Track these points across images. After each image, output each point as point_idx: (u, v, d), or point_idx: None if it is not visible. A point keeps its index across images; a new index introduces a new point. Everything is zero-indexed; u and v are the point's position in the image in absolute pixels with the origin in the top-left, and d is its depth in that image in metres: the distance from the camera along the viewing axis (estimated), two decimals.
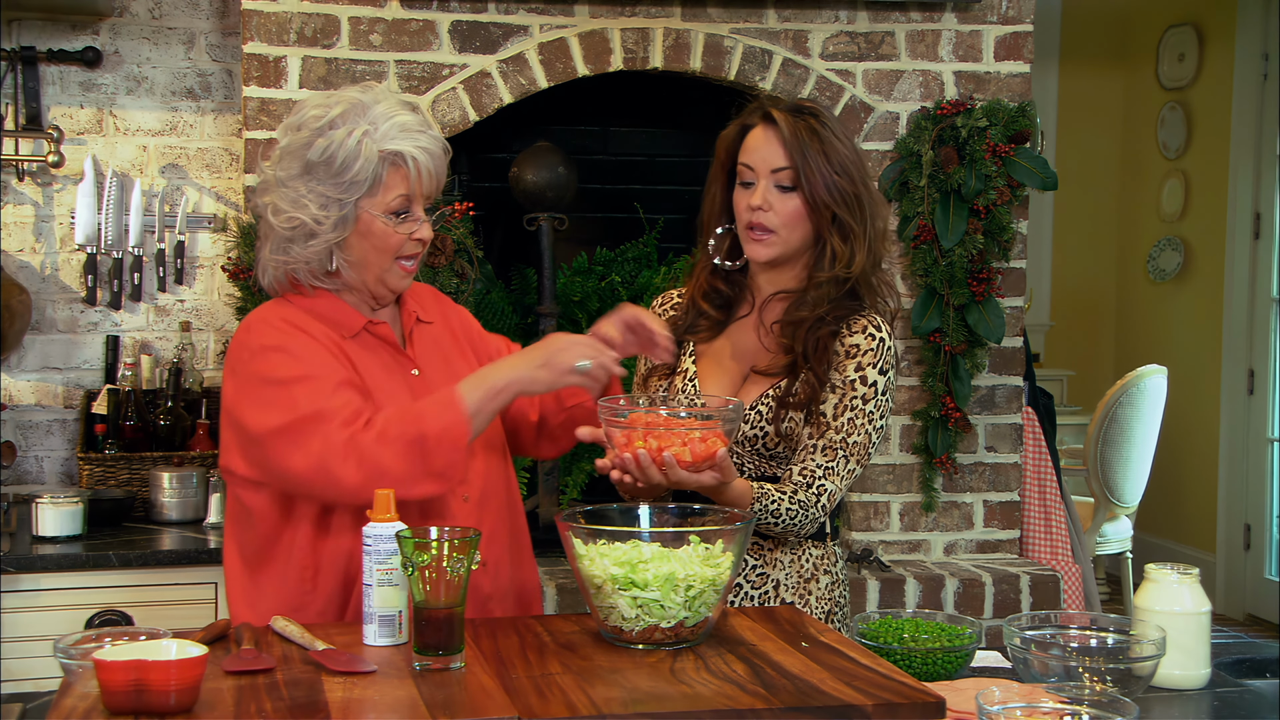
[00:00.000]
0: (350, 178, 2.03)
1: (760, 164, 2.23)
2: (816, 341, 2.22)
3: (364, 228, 2.06)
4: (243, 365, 2.05)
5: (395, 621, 1.81)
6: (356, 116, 2.04)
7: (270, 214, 2.08)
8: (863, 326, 2.24)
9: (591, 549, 1.83)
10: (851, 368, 2.22)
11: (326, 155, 2.03)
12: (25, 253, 3.72)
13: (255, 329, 2.08)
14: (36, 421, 3.73)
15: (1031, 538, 3.89)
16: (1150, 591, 2.03)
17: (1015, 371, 3.80)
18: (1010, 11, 3.72)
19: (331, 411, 1.97)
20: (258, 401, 2.01)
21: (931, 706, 1.61)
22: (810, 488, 2.19)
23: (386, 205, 2.06)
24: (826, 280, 2.23)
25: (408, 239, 2.08)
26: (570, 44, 3.53)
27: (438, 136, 2.11)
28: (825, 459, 2.20)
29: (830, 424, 2.21)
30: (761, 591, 2.28)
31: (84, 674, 1.61)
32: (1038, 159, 3.64)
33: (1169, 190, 6.42)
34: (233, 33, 3.76)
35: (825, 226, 2.23)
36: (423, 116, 2.11)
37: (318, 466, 1.95)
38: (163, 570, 3.15)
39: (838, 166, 2.21)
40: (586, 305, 3.82)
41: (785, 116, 2.23)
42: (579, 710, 1.56)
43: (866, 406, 2.22)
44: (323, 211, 2.04)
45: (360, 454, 1.94)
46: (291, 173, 2.07)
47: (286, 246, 2.08)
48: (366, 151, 2.02)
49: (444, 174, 2.12)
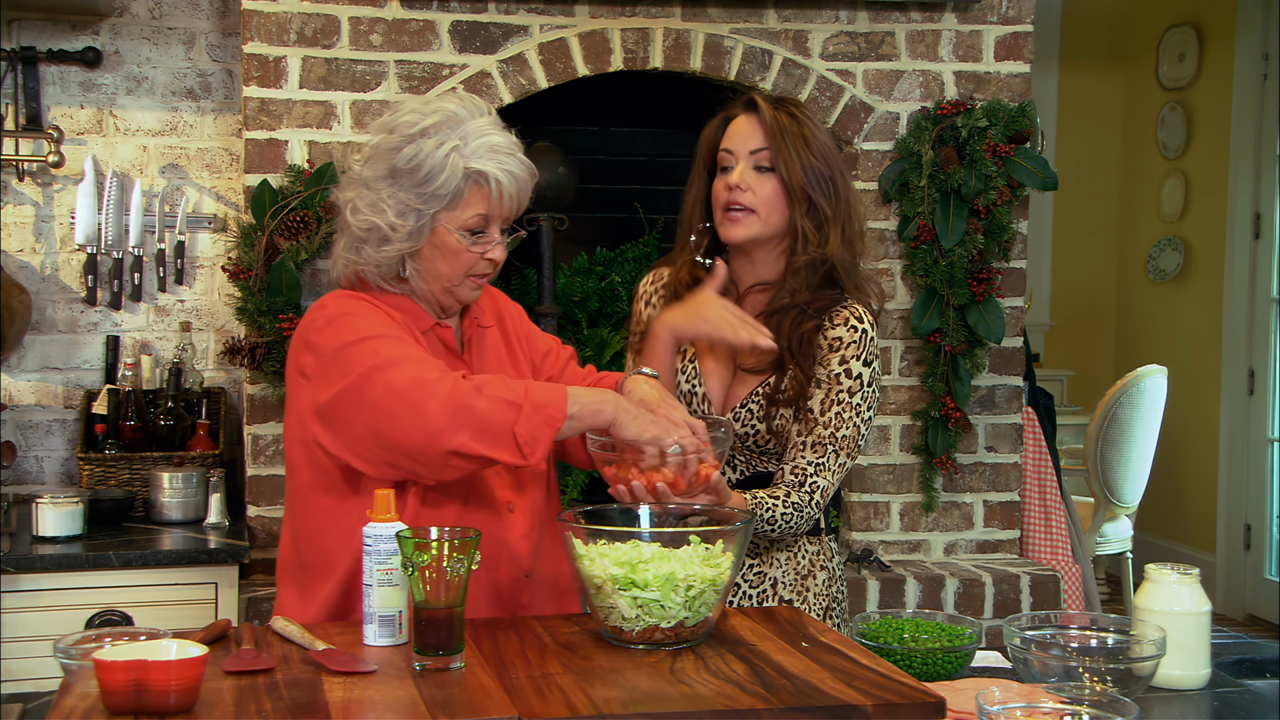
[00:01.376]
0: (433, 189, 2.02)
1: (739, 145, 2.26)
2: (800, 336, 2.24)
3: (438, 241, 2.05)
4: (317, 333, 2.03)
5: (395, 621, 1.81)
6: (449, 129, 2.03)
7: (349, 212, 2.08)
8: (844, 319, 2.25)
9: (591, 549, 1.83)
10: (835, 361, 2.23)
11: (413, 164, 2.02)
12: (25, 253, 3.72)
13: (330, 304, 2.06)
14: (36, 421, 3.73)
15: (1031, 538, 3.89)
16: (1150, 591, 2.03)
17: (1015, 371, 3.80)
18: (1010, 11, 3.72)
19: (423, 358, 1.96)
20: (335, 365, 1.98)
21: (931, 706, 1.61)
22: (803, 486, 2.20)
23: (464, 222, 2.05)
24: (804, 265, 2.24)
25: (480, 258, 2.08)
26: (570, 44, 3.53)
27: (526, 162, 2.09)
28: (815, 455, 2.21)
29: (818, 420, 2.22)
30: (759, 590, 2.29)
31: (84, 674, 1.61)
32: (1038, 159, 3.64)
33: (1169, 190, 6.42)
34: (233, 33, 3.76)
35: (799, 212, 2.25)
36: (514, 140, 2.09)
37: (407, 393, 1.89)
38: (163, 570, 3.15)
39: (816, 151, 2.25)
40: (586, 305, 3.82)
41: (766, 104, 2.28)
42: (579, 710, 1.56)
43: (853, 400, 2.23)
44: (400, 219, 2.03)
45: (453, 392, 1.89)
46: (377, 174, 2.06)
47: (359, 247, 2.07)
48: (453, 166, 2.01)
49: (526, 199, 2.11)
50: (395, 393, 1.91)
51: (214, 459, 3.56)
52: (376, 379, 1.93)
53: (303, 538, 2.11)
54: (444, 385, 1.90)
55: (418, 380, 1.91)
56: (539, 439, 1.90)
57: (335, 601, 2.06)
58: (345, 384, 1.96)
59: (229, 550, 3.20)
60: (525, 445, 1.90)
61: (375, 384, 1.93)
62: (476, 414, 1.88)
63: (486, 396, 1.90)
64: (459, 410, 1.88)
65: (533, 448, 1.90)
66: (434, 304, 2.13)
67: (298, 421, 2.07)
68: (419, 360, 1.96)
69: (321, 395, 2.00)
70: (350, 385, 1.95)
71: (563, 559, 2.13)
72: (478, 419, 1.88)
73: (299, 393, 2.06)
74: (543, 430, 1.90)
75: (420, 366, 1.94)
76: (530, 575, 2.10)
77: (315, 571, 2.08)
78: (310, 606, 2.07)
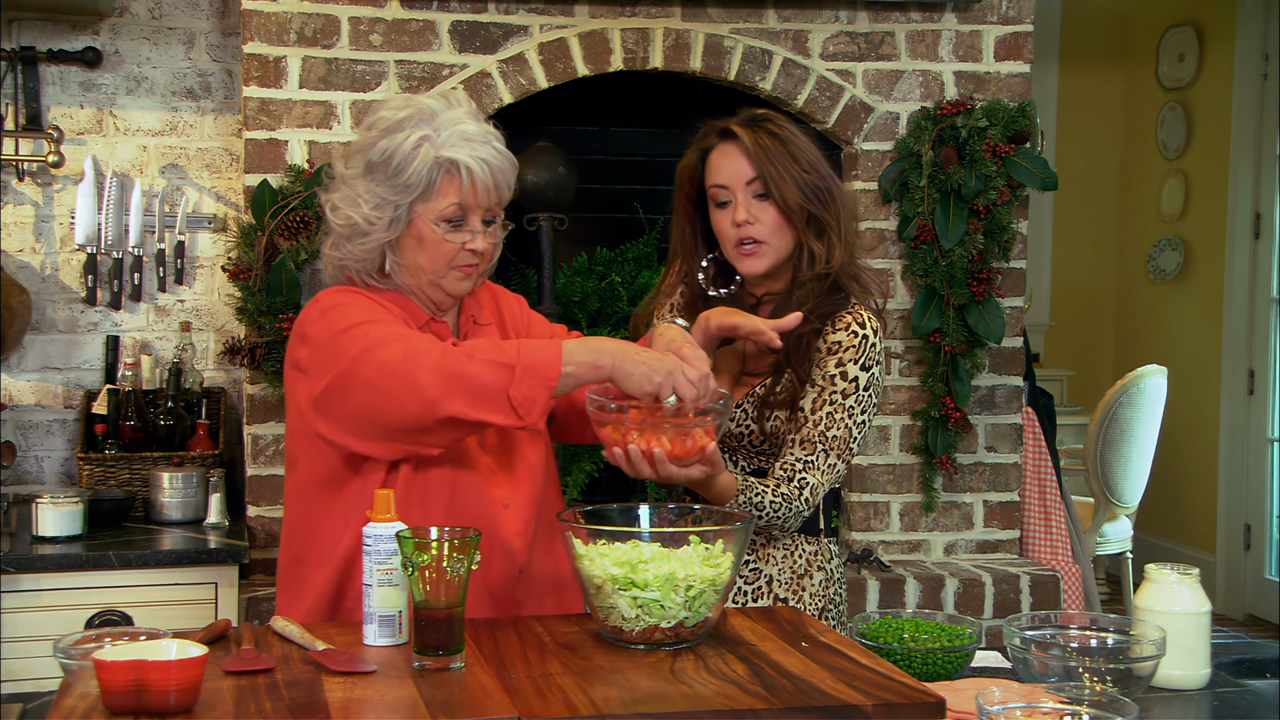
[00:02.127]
0: (404, 180, 2.02)
1: (732, 179, 2.23)
2: (799, 340, 2.23)
3: (416, 232, 2.06)
4: (311, 325, 2.04)
5: (395, 621, 1.81)
6: (422, 122, 2.04)
7: (329, 210, 2.09)
8: (847, 324, 2.25)
9: (591, 549, 1.83)
10: (832, 364, 2.23)
11: (385, 156, 2.03)
12: (25, 253, 3.72)
13: (323, 298, 2.08)
14: (36, 421, 3.73)
15: (1031, 538, 3.89)
16: (1150, 591, 2.03)
17: (1015, 371, 3.80)
18: (1010, 11, 3.72)
19: (414, 334, 1.96)
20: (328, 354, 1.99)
21: (931, 707, 1.61)
22: (791, 481, 2.20)
23: (440, 212, 2.05)
24: (809, 279, 2.24)
25: (461, 249, 2.07)
26: (570, 44, 3.53)
27: (502, 151, 2.08)
28: (804, 452, 2.21)
29: (808, 418, 2.22)
30: (755, 586, 2.29)
31: (84, 674, 1.61)
32: (1038, 159, 3.64)
33: (1169, 190, 6.42)
34: (233, 33, 3.76)
35: (802, 228, 2.23)
36: (490, 129, 2.09)
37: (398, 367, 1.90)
38: (163, 570, 3.15)
39: (805, 164, 2.23)
40: (586, 305, 3.82)
41: (743, 130, 2.24)
42: (579, 710, 1.56)
43: (847, 401, 2.23)
44: (375, 212, 2.04)
45: (444, 360, 1.90)
46: (355, 171, 2.08)
47: (341, 244, 2.09)
48: (423, 156, 2.02)
49: (506, 189, 2.10)
50: (387, 369, 1.92)
51: (214, 459, 3.56)
52: (368, 359, 1.94)
53: (297, 532, 2.12)
54: (434, 354, 1.91)
55: (408, 354, 1.92)
56: (534, 399, 1.90)
57: (327, 597, 2.06)
58: (339, 369, 1.97)
59: (229, 550, 3.20)
60: (520, 407, 1.90)
61: (367, 364, 1.94)
62: (468, 379, 1.89)
63: (479, 361, 1.90)
64: (451, 377, 1.89)
65: (528, 409, 1.90)
66: (424, 299, 2.12)
67: (298, 415, 2.08)
68: (408, 336, 1.97)
69: (317, 385, 2.01)
70: (344, 369, 1.96)
71: (560, 555, 2.13)
72: (470, 384, 1.89)
73: (297, 388, 2.07)
74: (538, 390, 1.90)
75: (410, 341, 1.95)
76: (524, 572, 2.09)
77: (308, 565, 2.09)
78: (303, 601, 2.08)
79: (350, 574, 2.04)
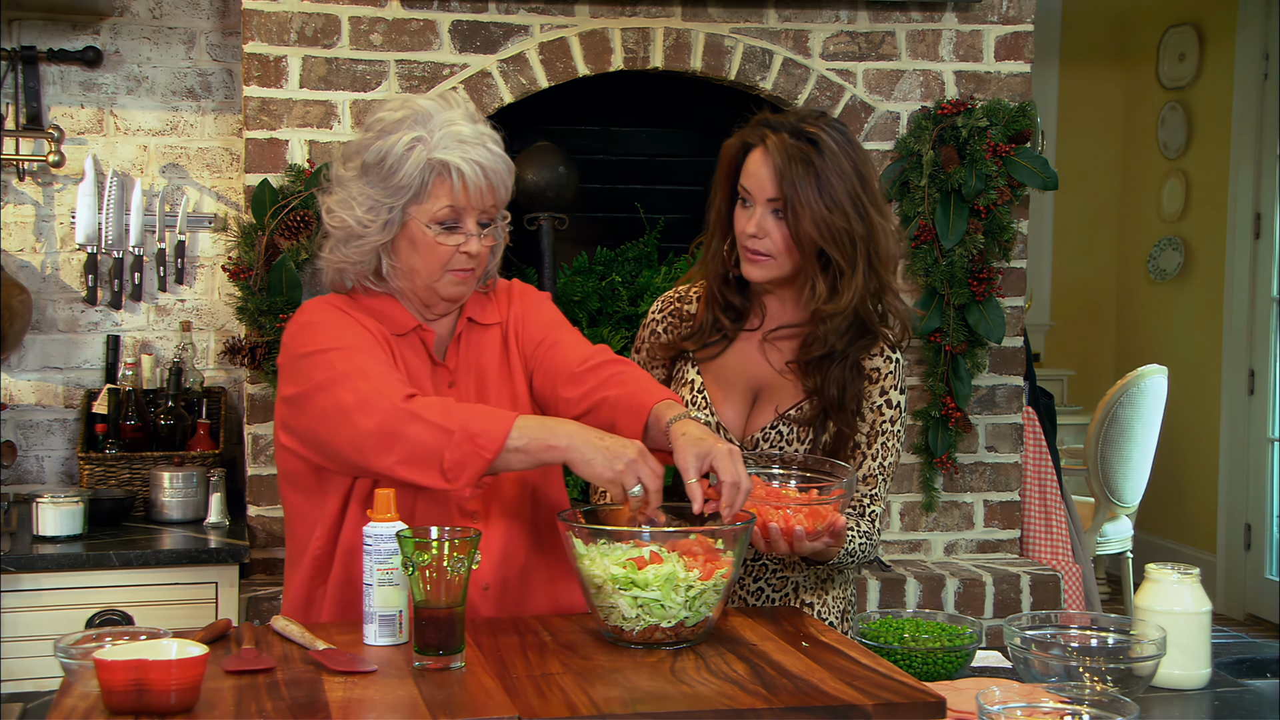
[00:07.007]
0: (396, 182, 2.02)
1: (756, 190, 2.20)
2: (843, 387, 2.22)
3: (410, 234, 2.05)
4: (290, 337, 2.07)
5: (395, 621, 1.81)
6: (416, 123, 2.03)
7: (324, 213, 2.09)
8: (880, 349, 2.28)
9: (592, 549, 1.83)
10: (876, 393, 2.27)
11: (379, 158, 2.03)
12: (25, 252, 3.72)
13: (304, 311, 2.09)
14: (37, 421, 3.73)
15: (1032, 538, 3.89)
16: (1150, 591, 2.03)
17: (1015, 371, 3.80)
18: (1010, 11, 3.72)
19: (378, 373, 1.96)
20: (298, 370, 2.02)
21: (932, 706, 1.61)
22: (864, 517, 2.26)
23: (433, 215, 2.03)
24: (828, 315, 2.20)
25: (456, 251, 2.05)
26: (570, 44, 3.53)
27: (497, 153, 2.06)
28: (868, 487, 2.27)
29: (866, 453, 2.27)
30: (782, 594, 2.31)
31: (84, 674, 1.61)
32: (1038, 159, 3.64)
33: (1169, 190, 6.42)
34: (233, 32, 3.76)
35: (810, 260, 2.20)
36: (485, 131, 2.07)
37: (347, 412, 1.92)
38: (163, 570, 3.15)
39: (829, 201, 2.15)
40: (587, 305, 3.82)
41: (781, 143, 2.17)
42: (579, 710, 1.56)
43: (894, 427, 2.28)
44: (369, 215, 2.03)
45: (389, 416, 1.90)
46: (350, 173, 2.07)
47: (338, 247, 2.09)
48: (416, 157, 2.01)
49: (503, 191, 2.08)
50: (336, 410, 1.94)
51: (214, 459, 3.56)
52: (323, 395, 1.96)
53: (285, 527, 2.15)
54: (383, 407, 1.90)
55: (361, 400, 1.92)
56: (464, 466, 1.88)
57: (301, 595, 2.08)
58: (300, 390, 2.00)
59: (229, 550, 3.20)
60: (449, 471, 1.88)
61: (321, 398, 1.96)
62: (406, 441, 1.89)
63: (422, 422, 1.89)
64: (389, 435, 1.89)
65: (456, 474, 1.88)
66: (418, 303, 2.11)
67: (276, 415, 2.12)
68: (371, 374, 1.95)
69: (282, 393, 2.05)
70: (303, 392, 1.99)
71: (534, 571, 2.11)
72: (407, 446, 1.89)
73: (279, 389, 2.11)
74: (471, 459, 1.87)
75: (370, 380, 1.94)
76: (488, 589, 2.05)
77: (290, 561, 2.13)
78: (286, 596, 2.12)
79: (316, 576, 2.06)
